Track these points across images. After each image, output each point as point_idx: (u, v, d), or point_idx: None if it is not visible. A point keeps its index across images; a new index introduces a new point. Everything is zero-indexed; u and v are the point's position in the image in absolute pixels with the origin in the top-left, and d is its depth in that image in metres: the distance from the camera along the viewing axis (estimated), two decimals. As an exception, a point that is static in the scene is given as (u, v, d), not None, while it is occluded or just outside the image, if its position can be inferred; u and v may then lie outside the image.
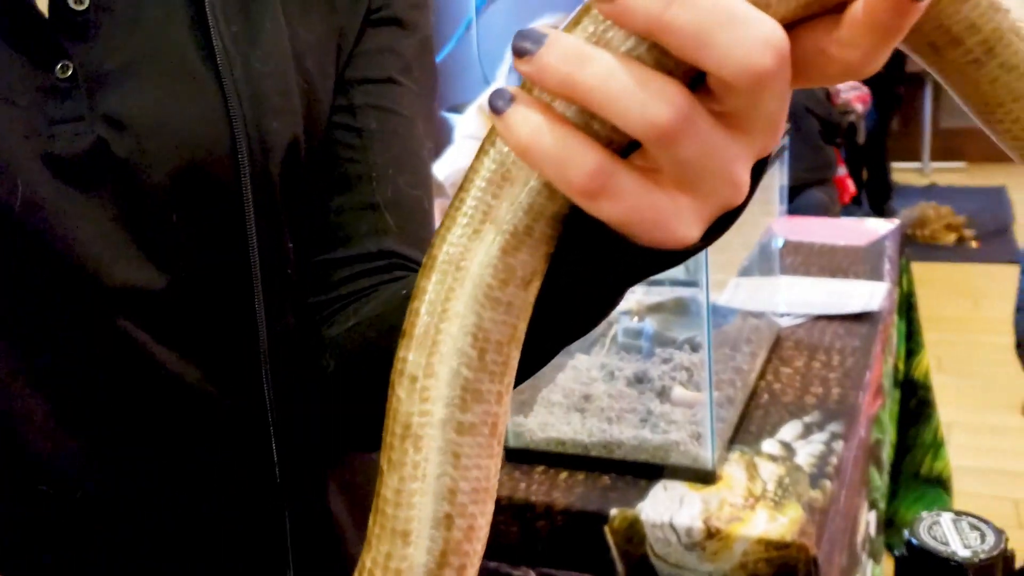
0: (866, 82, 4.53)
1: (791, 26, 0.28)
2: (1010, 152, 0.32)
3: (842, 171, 3.46)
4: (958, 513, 0.65)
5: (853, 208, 4.53)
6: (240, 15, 0.49)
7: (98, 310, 0.47)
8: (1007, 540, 0.61)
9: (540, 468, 1.05)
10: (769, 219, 1.51)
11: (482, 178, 0.30)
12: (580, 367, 1.23)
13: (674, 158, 0.27)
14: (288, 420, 0.51)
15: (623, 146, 0.29)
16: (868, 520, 1.39)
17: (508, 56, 2.09)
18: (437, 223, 0.34)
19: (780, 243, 1.90)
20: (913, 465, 2.03)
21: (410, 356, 0.30)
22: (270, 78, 0.49)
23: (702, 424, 1.00)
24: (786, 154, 1.88)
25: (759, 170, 0.32)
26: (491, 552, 1.01)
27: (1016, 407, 1.77)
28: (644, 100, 0.26)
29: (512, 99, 0.28)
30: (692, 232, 0.29)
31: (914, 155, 5.80)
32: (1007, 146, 0.32)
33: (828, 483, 0.98)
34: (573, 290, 0.34)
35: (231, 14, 0.48)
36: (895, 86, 4.94)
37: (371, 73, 0.54)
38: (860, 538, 1.27)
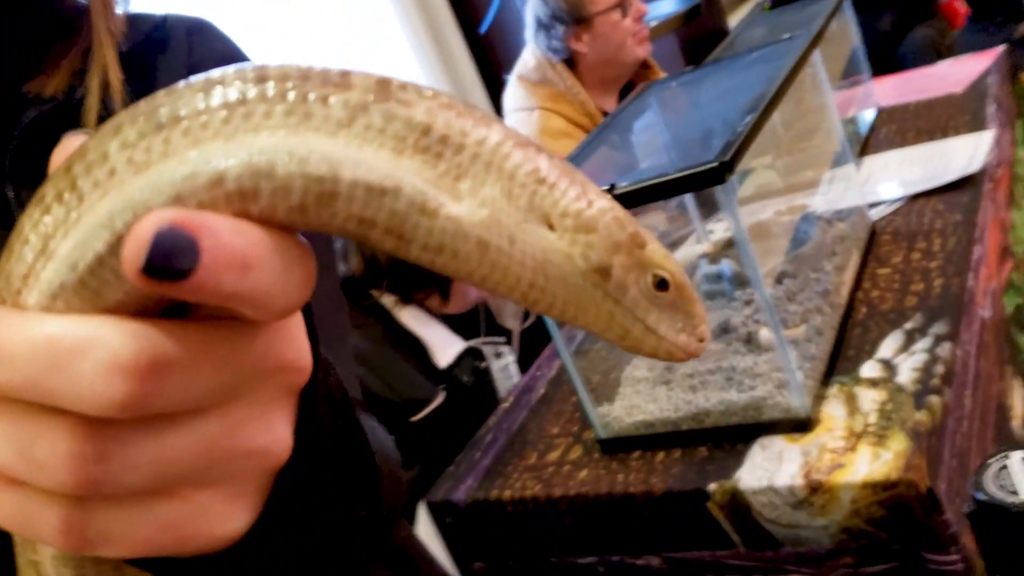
0: None
1: None
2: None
3: (948, -6, 3.15)
4: (1028, 450, 0.58)
5: (976, 27, 4.13)
6: None
7: None
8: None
9: (636, 454, 1.02)
10: (836, 96, 1.39)
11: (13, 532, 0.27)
12: (665, 330, 1.19)
13: (131, 489, 0.22)
14: None
15: None
16: (1030, 392, 1.28)
17: (530, 18, 2.02)
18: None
19: (872, 115, 1.75)
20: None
21: None
22: None
23: (788, 370, 0.94)
24: (848, 14, 1.73)
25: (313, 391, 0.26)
26: (609, 546, 0.99)
27: None
28: (35, 464, 0.21)
29: None
30: (236, 523, 0.24)
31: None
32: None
33: (935, 399, 0.90)
34: None
35: None
36: None
37: None
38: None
